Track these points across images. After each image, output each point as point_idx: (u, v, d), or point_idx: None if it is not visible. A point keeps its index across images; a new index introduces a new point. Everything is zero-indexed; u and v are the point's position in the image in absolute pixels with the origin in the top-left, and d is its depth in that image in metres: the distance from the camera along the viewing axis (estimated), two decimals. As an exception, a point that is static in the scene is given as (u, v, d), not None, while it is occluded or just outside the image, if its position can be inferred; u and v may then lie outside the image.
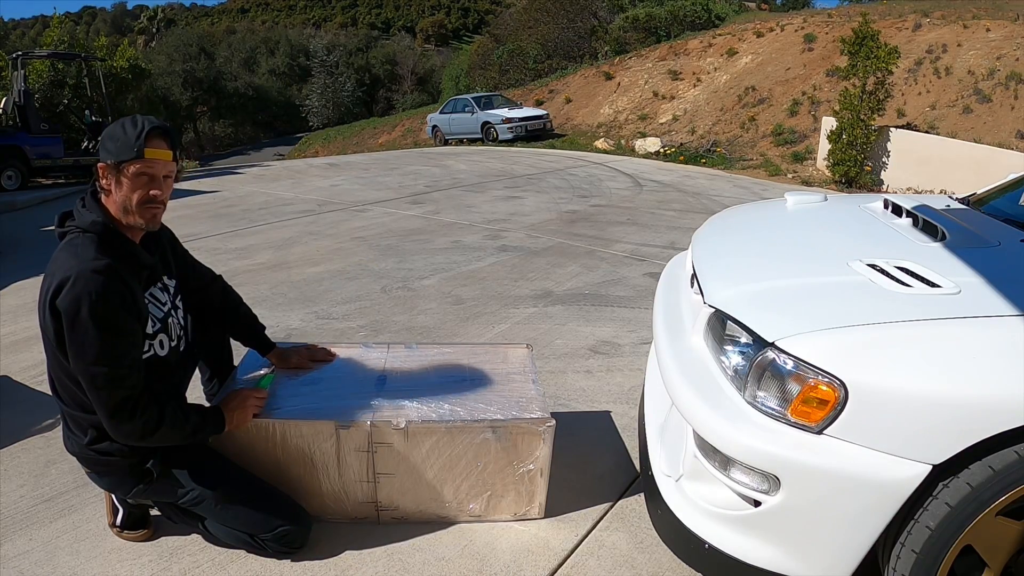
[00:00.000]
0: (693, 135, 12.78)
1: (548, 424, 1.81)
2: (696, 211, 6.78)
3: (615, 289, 4.10)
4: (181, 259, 1.94)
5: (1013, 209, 2.02)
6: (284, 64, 43.01)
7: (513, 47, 22.59)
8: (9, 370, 3.00)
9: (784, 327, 1.39)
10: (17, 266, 4.82)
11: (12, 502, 2.02)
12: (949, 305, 1.34)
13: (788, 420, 1.34)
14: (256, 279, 4.32)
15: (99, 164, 1.61)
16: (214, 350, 2.09)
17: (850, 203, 2.32)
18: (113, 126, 1.62)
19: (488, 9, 64.65)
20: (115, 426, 1.57)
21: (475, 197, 7.48)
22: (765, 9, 22.87)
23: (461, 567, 1.75)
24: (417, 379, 2.03)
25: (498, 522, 1.92)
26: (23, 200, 8.22)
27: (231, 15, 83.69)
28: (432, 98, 33.99)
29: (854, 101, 9.13)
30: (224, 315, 2.05)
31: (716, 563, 1.49)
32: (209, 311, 2.02)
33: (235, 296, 2.08)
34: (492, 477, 1.87)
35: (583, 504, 2.01)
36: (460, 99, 16.85)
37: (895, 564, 1.32)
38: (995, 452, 1.23)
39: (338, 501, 1.89)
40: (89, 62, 11.27)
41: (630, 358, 3.06)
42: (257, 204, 7.20)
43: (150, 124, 1.60)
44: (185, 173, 10.45)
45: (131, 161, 1.57)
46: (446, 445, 1.82)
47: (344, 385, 1.99)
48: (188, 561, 1.76)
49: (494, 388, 1.98)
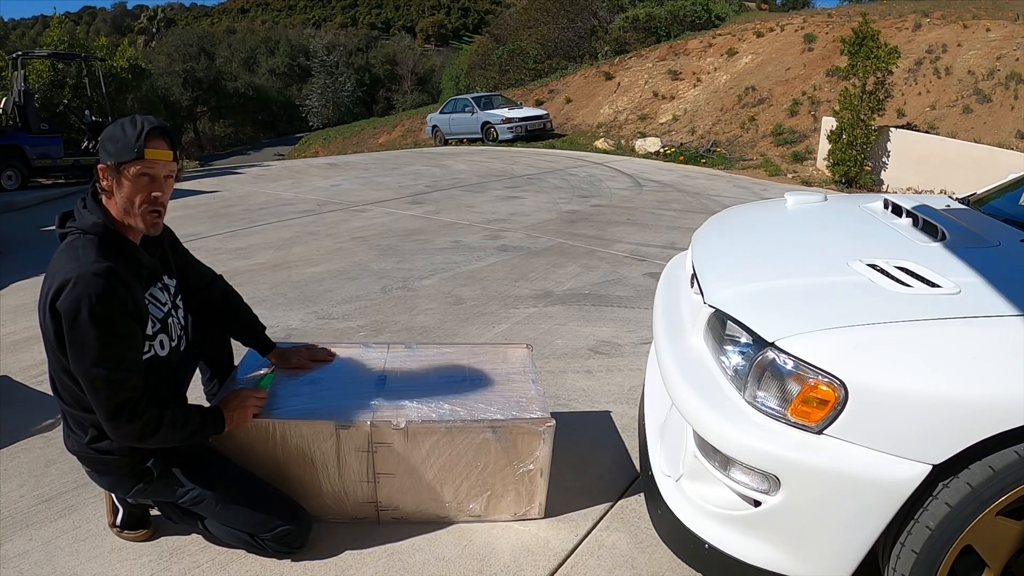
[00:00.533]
0: (693, 135, 12.79)
1: (548, 424, 1.81)
2: (696, 211, 6.78)
3: (615, 289, 4.10)
4: (181, 258, 1.94)
5: (1013, 209, 2.02)
6: (284, 64, 42.99)
7: (513, 47, 22.60)
8: (9, 370, 3.00)
9: (784, 327, 1.39)
10: (17, 266, 4.82)
11: (12, 502, 2.02)
12: (949, 305, 1.34)
13: (788, 420, 1.34)
14: (256, 279, 4.32)
15: (99, 166, 1.61)
16: (214, 350, 2.09)
17: (850, 203, 2.32)
18: (112, 127, 1.62)
19: (488, 9, 64.66)
20: (114, 428, 1.57)
21: (475, 197, 7.48)
22: (765, 9, 22.87)
23: (461, 567, 1.76)
24: (417, 379, 2.03)
25: (498, 522, 1.92)
26: (23, 200, 8.22)
27: (231, 15, 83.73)
28: (432, 98, 34.01)
29: (854, 101, 9.13)
30: (224, 315, 2.05)
31: (716, 563, 1.49)
32: (209, 311, 2.02)
33: (236, 296, 2.08)
34: (492, 477, 1.87)
35: (583, 504, 2.01)
36: (460, 99, 16.85)
37: (895, 564, 1.32)
38: (995, 452, 1.23)
39: (338, 501, 1.89)
40: (89, 62, 11.28)
41: (630, 358, 3.06)
42: (257, 204, 7.20)
43: (150, 124, 1.60)
44: (185, 173, 10.46)
45: (131, 162, 1.57)
46: (446, 445, 1.82)
47: (344, 385, 1.99)
48: (188, 561, 1.76)
49: (494, 388, 1.98)
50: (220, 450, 1.81)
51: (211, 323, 2.03)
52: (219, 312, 2.04)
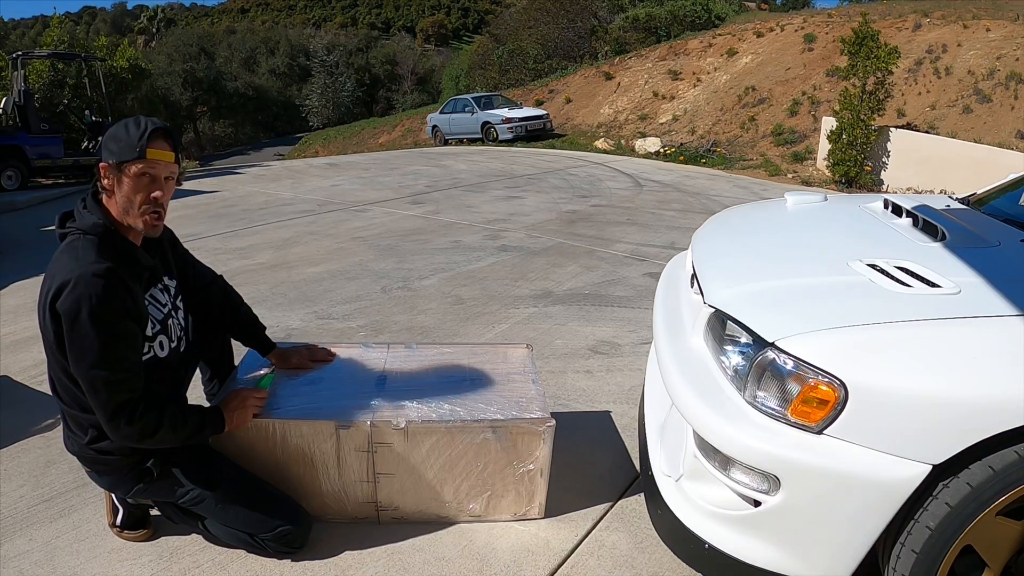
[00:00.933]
0: (693, 135, 12.78)
1: (548, 424, 1.81)
2: (696, 211, 6.78)
3: (615, 289, 4.10)
4: (181, 259, 1.94)
5: (1013, 209, 2.02)
6: (284, 64, 42.98)
7: (513, 47, 22.59)
8: (9, 370, 3.00)
9: (784, 327, 1.39)
10: (17, 266, 4.82)
11: (12, 502, 2.02)
12: (949, 305, 1.34)
13: (788, 420, 1.34)
14: (256, 279, 4.32)
15: (101, 164, 1.61)
16: (214, 350, 2.09)
17: (850, 203, 2.31)
18: (116, 126, 1.63)
19: (488, 9, 64.61)
20: (114, 429, 1.57)
21: (475, 197, 7.48)
22: (765, 9, 22.87)
23: (461, 567, 1.76)
24: (417, 379, 2.03)
25: (498, 522, 1.92)
26: (23, 200, 8.22)
27: (231, 15, 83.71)
28: (432, 98, 33.99)
29: (854, 101, 9.13)
30: (224, 315, 2.05)
31: (716, 563, 1.49)
32: (209, 311, 2.02)
33: (236, 296, 2.08)
34: (492, 477, 1.87)
35: (583, 504, 2.01)
36: (460, 99, 16.84)
37: (895, 564, 1.32)
38: (995, 452, 1.23)
39: (338, 501, 1.89)
40: (89, 62, 11.27)
41: (630, 358, 3.06)
42: (257, 204, 7.20)
43: (153, 125, 1.61)
44: (185, 173, 10.44)
45: (133, 161, 1.58)
46: (446, 445, 1.82)
47: (344, 385, 1.99)
48: (188, 561, 1.76)
49: (494, 388, 1.98)
50: (220, 450, 1.81)
51: (211, 323, 2.03)
52: (219, 312, 2.04)
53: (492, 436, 1.82)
